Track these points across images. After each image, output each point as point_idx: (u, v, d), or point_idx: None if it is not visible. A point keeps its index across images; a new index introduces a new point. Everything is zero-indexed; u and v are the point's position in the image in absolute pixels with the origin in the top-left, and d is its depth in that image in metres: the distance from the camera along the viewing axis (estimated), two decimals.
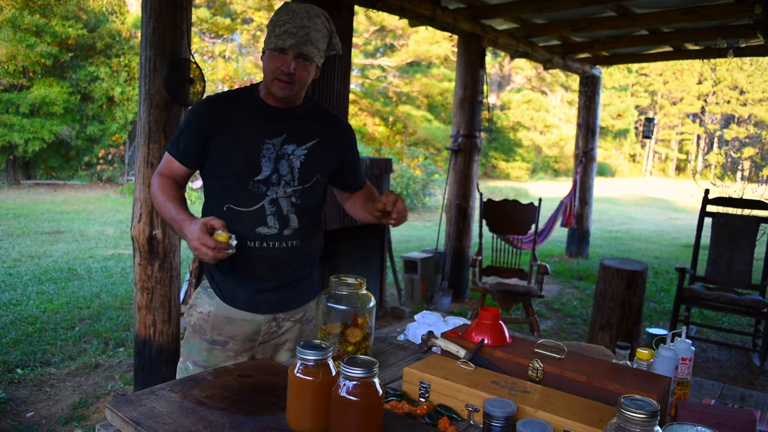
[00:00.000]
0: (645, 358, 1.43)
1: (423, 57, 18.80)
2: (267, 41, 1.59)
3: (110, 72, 14.56)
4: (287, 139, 1.66)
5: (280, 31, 1.54)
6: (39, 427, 2.93)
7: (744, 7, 4.81)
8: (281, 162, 1.65)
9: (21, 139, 13.56)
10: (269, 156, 1.63)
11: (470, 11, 5.28)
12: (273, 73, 1.57)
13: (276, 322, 1.74)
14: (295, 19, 1.54)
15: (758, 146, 26.22)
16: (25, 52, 13.49)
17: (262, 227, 1.65)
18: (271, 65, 1.58)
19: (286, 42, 1.53)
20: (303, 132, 1.69)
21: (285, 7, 1.58)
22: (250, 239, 1.64)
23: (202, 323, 1.70)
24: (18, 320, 4.48)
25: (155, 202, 1.66)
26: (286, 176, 1.65)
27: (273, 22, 1.58)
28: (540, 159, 25.12)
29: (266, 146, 1.63)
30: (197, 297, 1.73)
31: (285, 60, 1.56)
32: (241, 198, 1.63)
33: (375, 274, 4.89)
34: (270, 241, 1.66)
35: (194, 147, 1.65)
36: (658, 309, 5.75)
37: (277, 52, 1.56)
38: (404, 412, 1.27)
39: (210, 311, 1.69)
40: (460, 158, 5.69)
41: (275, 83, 1.58)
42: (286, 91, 1.59)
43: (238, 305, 1.69)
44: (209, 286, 1.71)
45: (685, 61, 22.94)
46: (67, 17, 14.49)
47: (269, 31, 1.58)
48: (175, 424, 1.15)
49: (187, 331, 1.72)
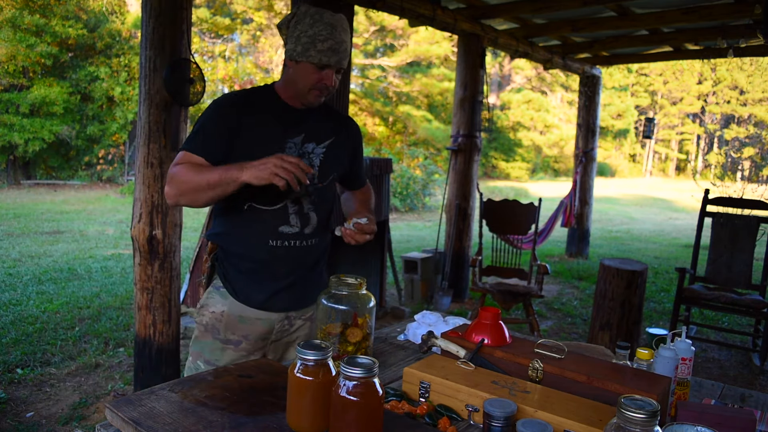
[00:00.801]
0: (645, 358, 1.43)
1: (423, 57, 18.81)
2: (303, 53, 1.58)
3: (110, 72, 14.57)
4: (306, 138, 1.68)
5: (324, 47, 1.56)
6: (39, 427, 2.93)
7: (744, 7, 4.81)
8: (303, 160, 1.62)
9: (21, 139, 13.57)
10: (291, 154, 1.64)
11: (470, 11, 5.28)
12: (313, 84, 1.61)
13: (288, 320, 1.75)
14: (335, 35, 1.57)
15: (758, 146, 26.22)
16: (25, 52, 13.50)
17: (284, 226, 1.66)
18: (310, 78, 1.60)
19: (332, 59, 1.58)
20: (320, 131, 1.72)
21: (320, 18, 1.58)
22: (272, 238, 1.65)
23: (215, 323, 1.69)
24: (18, 320, 4.48)
25: (186, 186, 1.53)
26: (308, 174, 1.66)
27: (310, 35, 1.57)
28: (540, 159, 25.12)
29: (288, 145, 1.65)
30: (209, 297, 1.72)
31: (327, 75, 1.60)
32: (264, 196, 1.63)
33: (375, 274, 4.89)
34: (292, 239, 1.67)
35: (218, 143, 1.62)
36: (658, 309, 5.75)
37: (318, 67, 1.59)
38: (404, 412, 1.27)
39: (223, 311, 1.69)
40: (460, 158, 5.69)
41: (312, 93, 1.62)
42: (321, 99, 1.66)
43: (252, 304, 1.69)
44: (222, 286, 1.71)
45: (685, 61, 22.94)
46: (67, 17, 14.50)
47: (306, 42, 1.57)
48: (175, 424, 1.15)
49: (198, 331, 1.72)
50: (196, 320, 1.74)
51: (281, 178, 1.42)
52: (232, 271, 1.70)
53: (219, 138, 1.61)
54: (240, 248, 1.68)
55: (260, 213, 1.64)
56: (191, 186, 1.52)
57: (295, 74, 1.63)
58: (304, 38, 1.58)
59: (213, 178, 1.49)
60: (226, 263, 1.71)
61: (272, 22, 16.68)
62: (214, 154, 1.61)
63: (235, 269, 1.69)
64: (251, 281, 1.68)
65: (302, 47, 1.58)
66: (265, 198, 1.64)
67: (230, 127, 1.62)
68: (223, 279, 1.71)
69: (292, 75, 1.64)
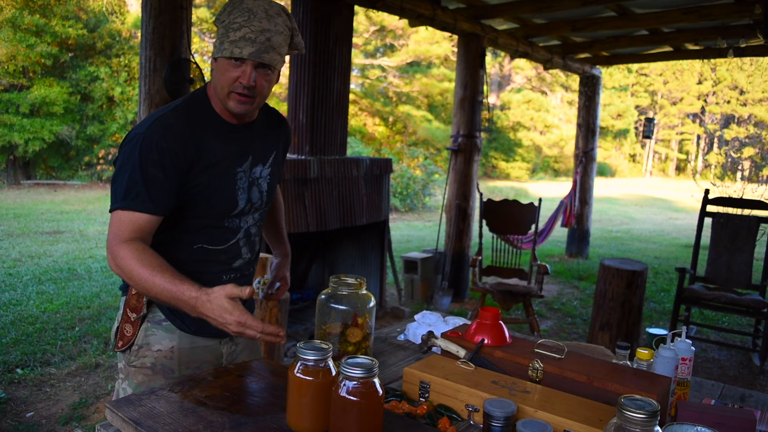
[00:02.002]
0: (645, 358, 1.43)
1: (423, 57, 18.81)
2: (218, 47, 1.34)
3: (110, 72, 14.57)
4: (253, 162, 1.48)
5: (236, 36, 1.30)
6: (39, 427, 2.93)
7: (744, 7, 4.81)
8: (253, 189, 1.49)
9: (21, 139, 13.57)
10: (243, 186, 1.45)
11: (470, 11, 5.28)
12: (229, 85, 1.34)
13: (233, 342, 1.61)
14: (252, 21, 1.30)
15: (758, 146, 26.23)
16: (25, 52, 13.50)
17: (238, 260, 1.52)
18: (226, 76, 1.34)
19: (244, 50, 1.30)
20: (263, 148, 1.51)
21: (238, 4, 1.33)
22: (226, 273, 1.51)
23: (166, 362, 1.46)
24: (18, 320, 4.48)
25: (133, 280, 1.27)
26: (257, 203, 1.51)
27: (225, 23, 1.33)
28: (540, 159, 25.12)
29: (239, 176, 1.44)
30: (149, 335, 1.46)
31: (243, 71, 1.32)
32: (215, 236, 1.46)
33: (375, 274, 4.89)
34: (243, 269, 1.55)
35: (170, 192, 1.33)
36: (658, 309, 5.75)
37: (233, 61, 1.32)
38: (404, 412, 1.27)
39: (173, 346, 1.47)
40: (460, 158, 5.69)
41: (232, 97, 1.35)
42: (246, 106, 1.37)
43: (203, 333, 1.50)
44: (164, 319, 1.47)
45: (685, 61, 22.95)
46: (67, 17, 14.50)
47: (220, 33, 1.33)
48: (175, 424, 1.15)
49: (143, 376, 1.45)
50: (134, 364, 1.47)
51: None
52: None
53: (171, 185, 1.33)
54: None
55: (211, 253, 1.47)
56: (139, 286, 1.28)
57: (214, 75, 1.37)
58: (220, 30, 1.34)
59: (162, 294, 1.26)
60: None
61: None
62: (170, 207, 1.35)
63: None
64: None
65: (218, 40, 1.34)
66: (215, 237, 1.46)
67: (178, 168, 1.33)
68: (168, 312, 1.47)
69: (213, 76, 1.38)
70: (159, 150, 1.31)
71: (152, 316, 1.47)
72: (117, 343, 1.49)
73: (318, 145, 4.20)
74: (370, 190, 4.62)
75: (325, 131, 4.23)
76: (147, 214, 1.30)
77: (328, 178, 4.18)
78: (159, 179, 1.31)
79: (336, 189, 4.27)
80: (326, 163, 4.15)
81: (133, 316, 1.45)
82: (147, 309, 1.46)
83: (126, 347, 1.47)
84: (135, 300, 1.45)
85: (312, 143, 4.16)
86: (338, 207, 4.30)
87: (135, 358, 1.47)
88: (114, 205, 1.32)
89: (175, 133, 1.33)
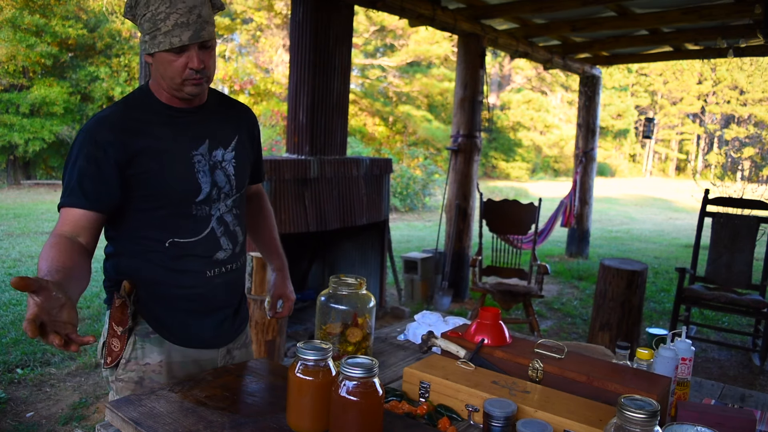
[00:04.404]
0: (645, 358, 1.43)
1: (423, 57, 18.80)
2: (151, 41, 1.30)
3: (110, 72, 14.57)
4: (212, 145, 1.44)
5: (168, 26, 1.27)
6: (39, 427, 2.93)
7: (744, 7, 4.81)
8: (216, 173, 1.44)
9: (21, 139, 13.57)
10: (203, 170, 1.41)
11: (470, 11, 5.28)
12: (180, 75, 1.32)
13: (229, 353, 1.56)
14: (176, 5, 1.27)
15: (758, 146, 26.22)
16: (25, 52, 13.50)
17: (219, 252, 1.46)
18: (173, 68, 1.32)
19: (183, 36, 1.28)
20: (222, 131, 1.48)
21: None
22: (209, 269, 1.45)
23: (154, 376, 1.43)
24: (18, 320, 4.48)
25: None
26: (225, 187, 1.46)
27: (147, 16, 1.29)
28: (540, 159, 25.12)
29: (196, 158, 1.40)
30: (137, 349, 1.43)
31: (189, 56, 1.31)
32: (184, 227, 1.40)
33: (375, 274, 4.89)
34: (228, 264, 1.48)
35: (110, 186, 1.32)
36: (658, 309, 5.75)
37: (174, 51, 1.30)
38: (404, 412, 1.27)
39: (161, 360, 1.43)
40: (460, 158, 5.69)
41: (188, 84, 1.34)
42: (199, 87, 1.37)
43: (193, 344, 1.47)
44: (152, 332, 1.44)
45: (685, 61, 22.94)
46: (67, 17, 14.50)
47: (148, 28, 1.30)
48: (175, 424, 1.15)
49: (129, 391, 1.42)
50: (122, 378, 1.43)
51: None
52: (163, 313, 1.45)
53: (111, 178, 1.32)
54: (171, 287, 1.43)
55: (187, 246, 1.41)
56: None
57: (156, 69, 1.35)
58: (146, 24, 1.30)
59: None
60: (153, 305, 1.44)
61: (272, 22, 16.68)
62: (110, 202, 1.34)
63: (167, 310, 1.45)
64: (193, 319, 1.47)
65: (149, 36, 1.31)
66: (186, 229, 1.41)
67: (119, 160, 1.32)
68: (156, 324, 1.44)
69: (155, 71, 1.37)
70: (95, 144, 1.31)
71: (139, 329, 1.44)
72: (106, 359, 1.44)
73: (318, 145, 4.20)
74: (370, 190, 4.62)
75: (325, 131, 4.23)
76: (81, 210, 1.30)
77: (328, 178, 4.18)
78: (93, 174, 1.31)
79: (336, 189, 4.27)
80: (326, 163, 4.15)
81: (119, 329, 1.41)
82: (132, 321, 1.42)
83: (115, 363, 1.43)
84: (119, 313, 1.39)
85: (312, 143, 4.16)
86: (338, 207, 4.30)
87: (123, 372, 1.43)
88: (60, 201, 1.34)
89: (111, 126, 1.33)
